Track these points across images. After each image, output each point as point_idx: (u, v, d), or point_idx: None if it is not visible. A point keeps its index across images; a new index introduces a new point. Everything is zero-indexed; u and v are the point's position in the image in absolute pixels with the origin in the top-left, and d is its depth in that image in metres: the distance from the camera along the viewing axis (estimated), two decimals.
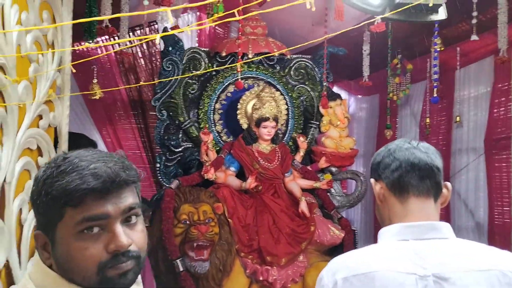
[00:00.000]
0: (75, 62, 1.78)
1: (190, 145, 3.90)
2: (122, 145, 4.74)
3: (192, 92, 3.96)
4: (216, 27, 4.75)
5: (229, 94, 4.02)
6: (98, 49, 4.18)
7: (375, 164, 1.28)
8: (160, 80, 3.80)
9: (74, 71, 1.87)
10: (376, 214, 1.33)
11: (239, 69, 3.48)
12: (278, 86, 4.08)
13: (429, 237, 1.15)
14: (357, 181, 4.10)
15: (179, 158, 3.87)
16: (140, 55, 4.69)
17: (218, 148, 3.89)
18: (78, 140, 2.83)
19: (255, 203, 3.62)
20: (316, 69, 4.25)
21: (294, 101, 4.14)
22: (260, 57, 3.82)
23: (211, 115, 3.97)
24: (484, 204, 4.05)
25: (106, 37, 3.78)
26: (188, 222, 3.27)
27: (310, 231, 3.58)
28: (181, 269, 3.22)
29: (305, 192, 3.81)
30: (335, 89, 5.14)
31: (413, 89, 4.73)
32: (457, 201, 4.30)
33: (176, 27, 3.74)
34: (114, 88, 4.27)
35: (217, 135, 3.98)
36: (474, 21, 3.13)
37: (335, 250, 3.58)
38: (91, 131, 4.53)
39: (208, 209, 3.34)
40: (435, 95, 3.43)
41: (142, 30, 4.31)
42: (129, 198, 0.89)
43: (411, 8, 1.91)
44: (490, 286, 1.08)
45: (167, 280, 3.32)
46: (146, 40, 4.10)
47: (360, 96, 5.94)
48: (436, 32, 3.16)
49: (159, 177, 3.83)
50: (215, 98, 3.97)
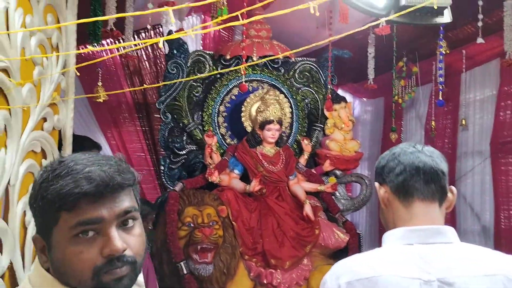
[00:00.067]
0: (79, 65, 1.79)
1: (194, 148, 3.90)
2: (127, 148, 4.74)
3: (197, 94, 3.96)
4: (221, 30, 4.76)
5: (233, 97, 4.03)
6: (103, 52, 4.20)
7: (380, 168, 1.27)
8: (165, 82, 3.81)
9: (78, 74, 1.88)
10: (380, 218, 1.32)
11: (243, 72, 3.47)
12: (282, 89, 4.07)
13: (433, 241, 1.14)
14: (362, 184, 4.08)
15: (183, 160, 3.87)
16: (145, 58, 4.70)
17: (222, 151, 3.89)
18: (82, 143, 2.84)
19: (259, 206, 3.61)
20: (321, 72, 4.25)
21: (298, 104, 4.14)
22: (265, 59, 3.81)
23: (215, 117, 3.98)
24: (490, 207, 4.02)
25: (111, 40, 3.79)
26: (192, 224, 3.27)
27: (314, 234, 3.57)
28: (185, 271, 3.22)
29: (309, 195, 3.80)
30: (340, 92, 5.12)
31: (419, 92, 4.71)
32: (462, 204, 4.26)
33: (180, 30, 3.75)
34: (119, 91, 4.28)
35: (221, 137, 3.98)
36: (480, 23, 3.11)
37: (339, 253, 3.56)
38: (96, 133, 4.54)
39: (212, 212, 3.34)
40: (441, 98, 3.41)
41: (147, 33, 4.32)
42: (125, 202, 0.88)
43: (416, 11, 1.89)
44: None
45: (171, 282, 3.32)
46: (150, 43, 4.11)
47: (365, 99, 5.92)
48: (441, 35, 3.15)
49: (163, 179, 3.84)
50: (220, 101, 3.98)
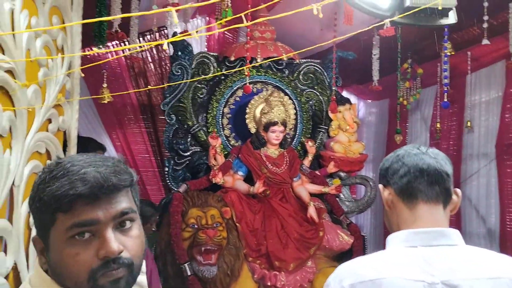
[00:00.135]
0: (84, 67, 1.80)
1: (199, 149, 3.91)
2: (132, 149, 4.76)
3: (201, 96, 3.97)
4: (225, 31, 4.77)
5: (237, 99, 4.03)
6: (108, 54, 4.22)
7: (384, 170, 1.26)
8: (169, 84, 3.82)
9: (83, 75, 1.89)
10: (384, 221, 1.32)
11: (247, 73, 3.48)
12: (286, 91, 4.07)
13: (438, 243, 1.14)
14: (367, 186, 4.07)
15: (188, 162, 3.87)
16: (150, 60, 4.72)
17: (226, 153, 3.89)
18: (87, 144, 2.86)
19: (263, 207, 3.61)
20: (325, 74, 4.24)
21: (302, 106, 4.13)
22: (269, 60, 3.81)
23: (220, 119, 3.98)
24: (495, 210, 3.99)
25: (116, 42, 3.81)
26: (196, 226, 3.27)
27: (318, 236, 3.56)
28: (189, 273, 3.21)
29: (313, 197, 3.79)
30: (345, 93, 5.12)
31: (424, 93, 4.70)
32: (468, 207, 4.24)
33: (185, 32, 3.76)
34: (123, 92, 4.30)
35: (225, 139, 3.98)
36: (485, 25, 3.10)
37: (344, 255, 3.55)
38: (101, 134, 4.56)
39: (216, 213, 3.33)
40: (446, 99, 3.40)
41: (152, 35, 4.34)
42: (121, 203, 0.87)
43: (421, 12, 1.89)
44: None
45: (175, 284, 3.32)
46: (155, 44, 4.13)
47: (369, 101, 5.91)
48: (446, 36, 3.14)
49: (168, 181, 3.84)
50: (224, 103, 3.98)
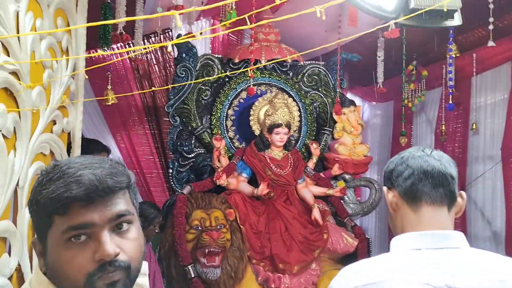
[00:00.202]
0: (89, 68, 1.80)
1: (203, 151, 3.91)
2: (136, 151, 4.77)
3: (205, 98, 3.98)
4: (229, 34, 4.77)
5: (241, 101, 4.03)
6: (113, 56, 4.23)
7: (388, 172, 1.26)
8: (174, 85, 3.82)
9: (87, 77, 1.89)
10: (389, 223, 1.31)
11: (251, 75, 3.48)
12: (291, 93, 4.07)
13: (442, 246, 1.13)
14: (371, 188, 4.05)
15: (192, 164, 3.88)
16: (154, 62, 4.73)
17: (230, 154, 3.89)
18: (91, 146, 2.86)
19: (267, 209, 3.60)
20: (330, 75, 4.23)
21: (307, 108, 4.12)
22: (273, 61, 3.81)
23: (224, 121, 3.98)
24: (501, 213, 3.96)
25: (121, 44, 3.82)
26: (200, 228, 3.27)
27: (323, 238, 3.55)
28: (193, 275, 3.21)
29: (318, 199, 3.79)
30: (349, 95, 5.10)
31: (429, 95, 4.68)
32: (473, 210, 4.21)
33: (189, 33, 3.77)
34: (128, 94, 4.31)
35: (229, 141, 3.98)
36: (490, 27, 3.09)
37: (348, 258, 3.54)
38: (106, 136, 4.57)
39: (220, 215, 3.33)
40: (451, 102, 3.38)
41: (156, 37, 4.35)
42: (117, 205, 0.87)
43: (426, 14, 1.88)
44: None
45: (179, 286, 3.32)
46: (159, 46, 4.13)
47: (374, 103, 5.89)
48: (451, 38, 3.13)
49: (172, 182, 3.85)
50: (228, 104, 3.98)
